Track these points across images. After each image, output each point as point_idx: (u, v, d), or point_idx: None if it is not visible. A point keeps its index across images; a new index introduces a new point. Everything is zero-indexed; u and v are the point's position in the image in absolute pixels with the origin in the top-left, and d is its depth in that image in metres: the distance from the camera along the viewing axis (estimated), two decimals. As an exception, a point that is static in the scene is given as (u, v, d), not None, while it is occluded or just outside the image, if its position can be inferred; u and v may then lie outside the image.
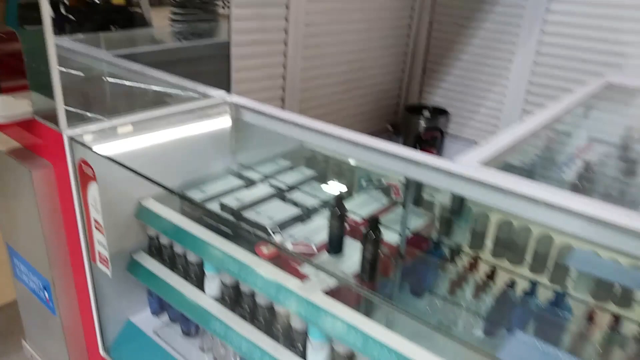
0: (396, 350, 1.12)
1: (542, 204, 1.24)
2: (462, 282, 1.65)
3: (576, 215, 1.22)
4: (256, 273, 1.38)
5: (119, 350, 1.83)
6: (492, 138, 1.54)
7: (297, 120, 1.76)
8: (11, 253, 2.00)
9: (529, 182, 1.26)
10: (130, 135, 1.65)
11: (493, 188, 1.28)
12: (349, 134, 1.62)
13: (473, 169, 1.33)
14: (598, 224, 1.20)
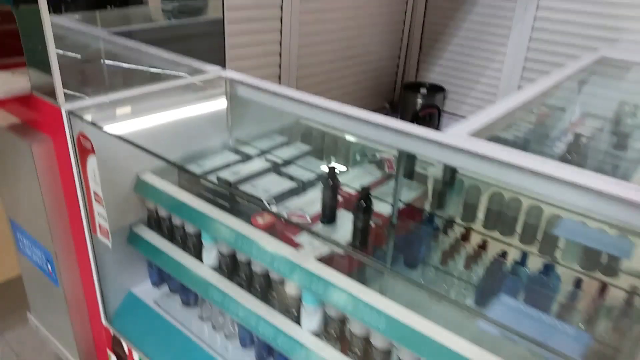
0: (385, 313, 1.17)
1: (529, 173, 1.28)
2: (454, 253, 1.70)
3: (561, 182, 1.25)
4: (252, 242, 1.43)
5: (120, 320, 1.89)
6: (482, 111, 1.57)
7: (292, 95, 1.79)
8: (14, 227, 2.05)
9: (516, 152, 1.30)
10: (127, 110, 1.68)
11: (481, 158, 1.32)
12: (342, 107, 1.65)
13: (462, 140, 1.36)
14: (582, 191, 1.23)
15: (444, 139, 1.37)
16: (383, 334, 1.18)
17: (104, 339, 1.96)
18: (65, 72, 1.53)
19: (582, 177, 1.22)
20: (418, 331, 1.13)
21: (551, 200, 1.50)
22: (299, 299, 1.38)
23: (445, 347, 1.09)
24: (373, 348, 1.25)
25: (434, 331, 1.12)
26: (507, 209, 1.71)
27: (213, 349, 1.66)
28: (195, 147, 1.87)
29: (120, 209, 1.72)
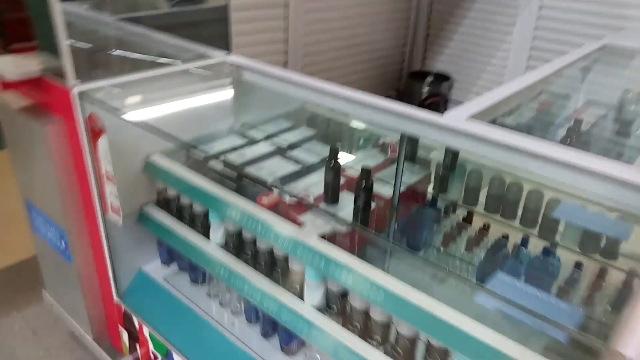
0: (384, 287, 1.22)
1: (526, 154, 1.31)
2: (456, 235, 1.75)
3: (558, 163, 1.29)
4: (257, 220, 1.48)
5: (131, 296, 1.96)
6: (482, 95, 1.60)
7: (296, 79, 1.83)
8: (29, 207, 2.12)
9: (513, 134, 1.33)
10: (135, 93, 1.73)
11: (478, 139, 1.35)
12: (345, 90, 1.69)
13: (460, 122, 1.40)
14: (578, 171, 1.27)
15: (443, 122, 1.41)
16: (382, 307, 1.24)
17: (115, 315, 2.04)
18: (75, 55, 1.58)
19: (577, 158, 1.25)
20: (415, 304, 1.18)
21: (549, 181, 1.54)
22: (302, 274, 1.44)
23: (441, 320, 1.14)
24: (372, 321, 1.30)
25: (431, 305, 1.17)
26: (508, 192, 1.75)
27: (220, 324, 1.73)
28: (201, 130, 1.92)
29: (131, 189, 1.78)
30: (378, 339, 1.30)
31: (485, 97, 1.60)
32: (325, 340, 1.35)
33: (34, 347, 2.40)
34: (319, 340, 1.36)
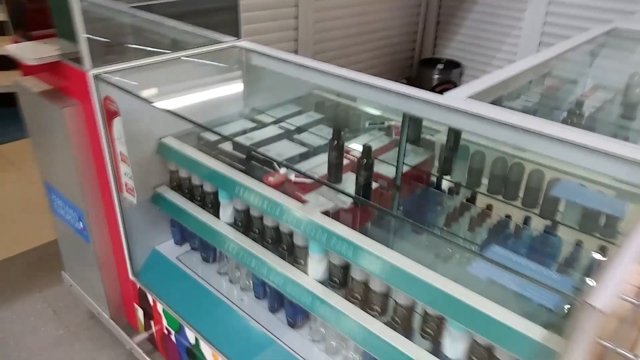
0: (382, 257, 1.28)
1: (522, 131, 1.35)
2: (458, 216, 1.79)
3: (554, 140, 1.32)
4: (264, 198, 1.54)
5: (146, 274, 2.05)
6: (483, 77, 1.64)
7: (304, 62, 1.88)
8: (49, 190, 2.21)
9: (509, 112, 1.37)
10: (148, 76, 1.80)
11: (477, 118, 1.40)
12: (350, 73, 1.74)
13: (460, 102, 1.44)
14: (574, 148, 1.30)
15: (443, 101, 1.45)
16: (380, 278, 1.29)
17: (131, 294, 2.13)
18: (91, 41, 1.66)
19: (571, 134, 1.29)
20: (411, 274, 1.23)
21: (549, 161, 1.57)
22: (306, 248, 1.50)
23: (437, 289, 1.19)
24: (372, 292, 1.36)
25: (426, 274, 1.22)
26: (510, 173, 1.78)
27: (230, 300, 1.80)
28: (211, 114, 1.99)
29: (144, 170, 1.85)
30: (378, 310, 1.36)
31: (485, 78, 1.64)
32: (328, 312, 1.41)
33: (54, 325, 2.50)
34: (322, 311, 1.42)
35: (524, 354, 1.02)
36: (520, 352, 1.03)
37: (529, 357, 1.01)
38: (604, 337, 0.85)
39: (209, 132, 1.96)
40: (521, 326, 1.03)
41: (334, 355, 1.58)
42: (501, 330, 1.06)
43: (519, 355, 1.04)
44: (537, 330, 1.01)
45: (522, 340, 1.02)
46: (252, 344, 1.67)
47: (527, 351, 1.01)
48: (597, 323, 0.72)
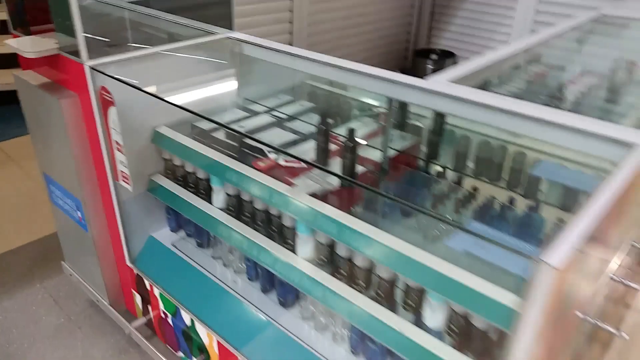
0: (365, 234, 1.33)
1: (499, 112, 1.40)
2: (445, 198, 1.84)
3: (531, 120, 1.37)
4: (254, 181, 1.60)
5: (143, 261, 2.11)
6: (465, 63, 1.69)
7: (295, 52, 1.93)
8: (48, 181, 2.28)
9: (489, 94, 1.42)
10: (143, 67, 1.86)
11: (457, 100, 1.45)
12: (337, 60, 1.79)
13: (441, 85, 1.49)
14: (543, 124, 1.35)
15: (425, 85, 1.50)
16: (363, 253, 1.35)
17: (129, 280, 2.19)
18: (88, 34, 1.71)
19: (547, 114, 1.34)
20: (393, 249, 1.29)
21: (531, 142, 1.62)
22: (294, 230, 1.56)
23: (418, 262, 1.25)
24: (356, 268, 1.42)
25: (408, 249, 1.28)
26: (494, 156, 1.83)
27: (224, 282, 1.86)
28: (204, 103, 2.04)
29: (139, 158, 1.91)
30: (362, 284, 1.42)
31: (467, 64, 1.69)
32: (315, 288, 1.47)
33: (55, 314, 2.57)
34: (309, 288, 1.48)
35: (496, 318, 1.08)
36: (492, 317, 1.09)
37: (500, 321, 1.07)
38: (562, 294, 0.91)
39: (202, 122, 2.02)
40: (492, 292, 1.09)
41: (323, 331, 1.64)
42: (474, 297, 1.11)
43: (491, 320, 1.10)
44: (507, 295, 1.06)
45: (493, 305, 1.07)
46: (245, 323, 1.73)
47: (499, 315, 1.07)
48: (551, 279, 0.77)
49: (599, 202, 0.93)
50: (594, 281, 1.41)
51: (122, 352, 2.35)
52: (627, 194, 1.10)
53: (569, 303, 1.08)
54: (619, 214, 1.20)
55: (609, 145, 1.29)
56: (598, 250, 1.18)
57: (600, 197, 0.95)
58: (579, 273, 1.04)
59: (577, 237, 0.82)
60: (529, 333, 0.85)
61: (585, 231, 0.84)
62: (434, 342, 1.27)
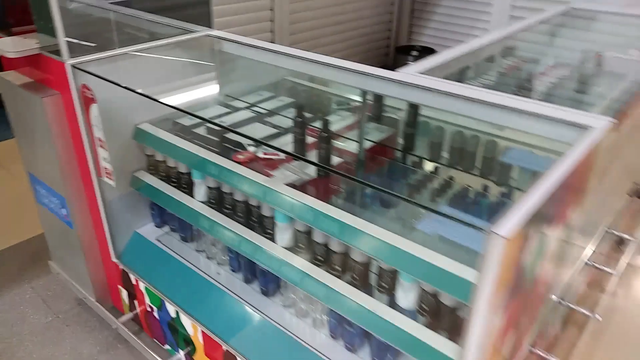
0: (338, 220, 1.39)
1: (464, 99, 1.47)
2: (422, 188, 1.90)
3: (493, 106, 1.44)
4: (233, 174, 1.65)
5: (128, 256, 2.15)
6: (433, 56, 1.75)
7: (272, 47, 1.99)
8: (33, 180, 2.31)
9: (450, 83, 1.49)
10: (124, 65, 1.90)
11: (426, 90, 1.51)
12: (314, 55, 1.85)
13: (410, 77, 1.55)
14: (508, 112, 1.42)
15: (395, 76, 1.57)
16: (338, 238, 1.40)
17: (115, 276, 2.23)
18: (69, 33, 1.75)
19: (510, 101, 1.41)
20: (366, 232, 1.35)
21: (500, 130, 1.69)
22: (273, 219, 1.61)
23: (390, 244, 1.31)
24: (332, 253, 1.47)
25: (379, 232, 1.34)
26: (466, 145, 1.90)
27: (207, 274, 1.91)
28: (185, 100, 2.09)
29: (122, 154, 1.95)
30: (338, 269, 1.47)
31: (436, 56, 1.75)
32: (293, 274, 1.52)
33: (43, 313, 2.60)
34: (289, 274, 1.54)
35: (459, 293, 1.14)
36: (456, 292, 1.15)
37: (463, 296, 1.13)
38: (516, 266, 0.97)
39: (184, 118, 2.06)
40: (454, 268, 1.15)
41: (304, 317, 1.69)
42: (439, 275, 1.17)
43: (455, 295, 1.16)
44: (468, 271, 1.13)
45: (456, 281, 1.14)
46: (228, 313, 1.78)
47: (462, 290, 1.13)
48: (500, 249, 0.83)
49: (549, 179, 1.00)
50: (560, 262, 1.48)
51: (111, 347, 2.38)
52: (581, 173, 1.17)
53: (528, 278, 1.14)
54: (575, 192, 1.26)
55: (570, 130, 1.36)
56: (558, 229, 1.25)
57: (551, 175, 1.01)
58: (538, 250, 1.10)
59: (526, 210, 0.89)
60: (484, 303, 0.91)
61: (534, 206, 0.90)
62: (407, 322, 1.33)
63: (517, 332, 1.29)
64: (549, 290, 1.54)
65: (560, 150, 1.55)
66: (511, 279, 0.97)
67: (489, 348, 1.05)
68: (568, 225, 1.40)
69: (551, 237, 1.23)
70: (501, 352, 1.23)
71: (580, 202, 1.43)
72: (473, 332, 0.96)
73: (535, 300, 1.37)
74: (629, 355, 2.24)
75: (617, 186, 2.72)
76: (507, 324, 1.12)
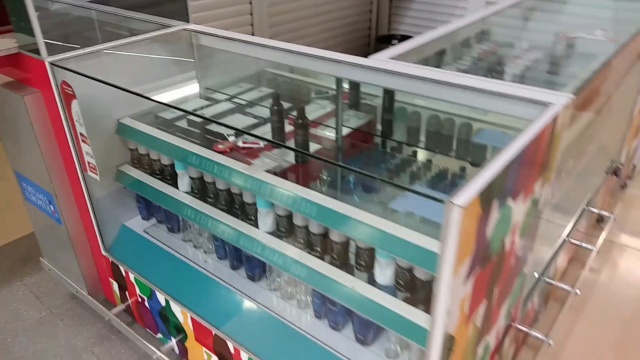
0: (316, 202, 1.45)
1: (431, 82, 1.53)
2: (400, 171, 1.96)
3: (459, 87, 1.50)
4: (214, 163, 1.70)
5: (117, 249, 2.19)
6: (405, 42, 1.81)
7: (247, 39, 2.03)
8: (19, 178, 2.34)
9: (419, 67, 1.54)
10: (102, 61, 1.93)
11: (397, 75, 1.57)
12: (290, 45, 1.90)
13: (382, 63, 1.61)
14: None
15: (366, 63, 1.62)
16: (316, 220, 1.46)
17: (105, 269, 2.27)
18: (47, 32, 1.78)
19: (474, 82, 1.46)
20: (343, 214, 1.40)
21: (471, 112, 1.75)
22: (255, 205, 1.66)
23: (366, 224, 1.36)
24: (312, 235, 1.53)
25: (355, 213, 1.39)
26: (442, 129, 1.96)
27: (195, 262, 1.96)
28: (165, 94, 2.13)
29: (106, 149, 1.99)
30: (318, 250, 1.53)
31: (408, 42, 1.81)
32: (276, 257, 1.58)
33: (37, 309, 2.64)
34: (271, 257, 1.59)
35: (429, 266, 1.20)
36: (426, 264, 1.22)
37: (433, 268, 1.19)
38: (477, 236, 1.03)
39: (165, 112, 2.10)
40: (423, 242, 1.21)
41: (289, 299, 1.75)
42: (409, 249, 1.23)
43: (425, 267, 1.23)
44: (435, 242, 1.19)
45: (425, 254, 1.20)
46: (216, 298, 1.83)
47: (431, 262, 1.19)
48: (457, 217, 0.89)
49: (506, 154, 1.06)
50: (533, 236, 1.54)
51: (105, 339, 2.43)
52: (539, 147, 1.23)
53: (495, 249, 1.21)
54: (539, 167, 1.33)
55: (534, 108, 1.42)
56: (524, 202, 1.31)
57: (507, 150, 1.08)
58: (503, 221, 1.17)
59: (481, 182, 0.95)
60: (448, 271, 0.98)
61: (489, 178, 0.96)
62: (384, 297, 1.39)
63: (489, 304, 1.36)
64: (523, 264, 1.61)
65: (523, 127, 1.63)
66: (473, 248, 1.03)
67: (457, 316, 1.11)
68: (537, 200, 1.47)
69: (517, 210, 1.29)
70: (474, 322, 1.30)
71: (548, 177, 1.49)
72: (440, 300, 1.02)
73: (508, 273, 1.44)
74: (608, 328, 2.33)
75: (595, 164, 2.81)
76: (475, 293, 1.18)
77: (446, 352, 1.12)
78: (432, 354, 1.12)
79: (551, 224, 2.31)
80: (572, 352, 2.24)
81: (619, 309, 2.46)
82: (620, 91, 2.42)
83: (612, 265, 2.75)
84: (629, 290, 2.58)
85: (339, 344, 1.59)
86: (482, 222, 1.03)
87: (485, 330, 1.41)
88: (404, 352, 1.54)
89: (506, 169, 1.03)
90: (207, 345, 1.86)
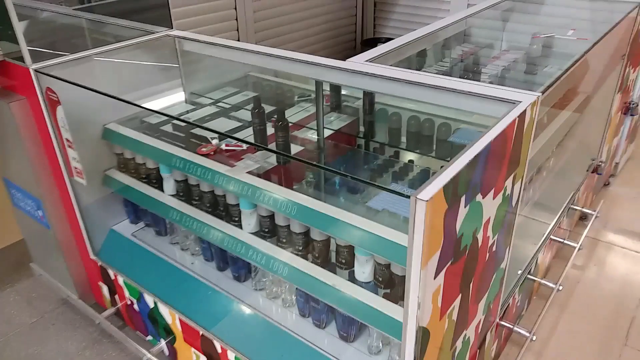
0: (296, 202, 1.49)
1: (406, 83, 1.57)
2: (383, 173, 2.01)
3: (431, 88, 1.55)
4: (197, 165, 1.74)
5: (105, 253, 2.22)
6: (381, 46, 1.86)
7: (229, 44, 2.07)
8: (8, 185, 2.36)
9: (394, 69, 1.59)
10: (87, 68, 1.97)
11: (373, 76, 1.62)
12: (271, 49, 1.94)
13: (358, 65, 1.66)
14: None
15: (344, 65, 1.67)
16: (297, 219, 1.50)
17: (95, 273, 2.30)
18: (32, 40, 1.82)
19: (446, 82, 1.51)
20: (321, 212, 1.44)
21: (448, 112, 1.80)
22: (238, 206, 1.70)
23: (343, 222, 1.41)
24: (294, 234, 1.57)
25: (333, 211, 1.44)
26: (421, 129, 2.00)
27: (182, 264, 2.00)
28: (150, 99, 2.16)
29: (92, 154, 2.03)
30: (300, 249, 1.57)
31: (385, 45, 1.86)
32: (259, 257, 1.62)
33: (28, 314, 2.66)
34: (254, 257, 1.63)
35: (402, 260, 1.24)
36: (399, 259, 1.26)
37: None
38: (446, 230, 1.07)
39: (151, 117, 2.14)
40: (397, 238, 1.25)
41: (275, 299, 1.79)
42: (386, 246, 1.28)
43: (398, 262, 1.27)
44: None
45: (399, 249, 1.24)
46: (203, 299, 1.87)
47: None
48: (422, 210, 0.94)
49: (471, 150, 1.10)
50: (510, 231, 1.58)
51: (96, 343, 2.45)
52: (505, 143, 1.28)
53: (466, 244, 1.25)
54: (508, 163, 1.37)
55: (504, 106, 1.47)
56: (495, 198, 1.36)
57: (473, 146, 1.12)
58: (473, 216, 1.21)
59: (444, 177, 0.99)
60: (416, 264, 1.02)
61: (452, 173, 1.01)
62: (363, 293, 1.43)
63: (465, 298, 1.40)
64: (500, 260, 1.65)
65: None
66: (442, 242, 1.07)
67: (430, 309, 1.15)
68: (509, 196, 1.52)
69: (488, 206, 1.34)
70: (450, 316, 1.34)
71: (520, 174, 1.54)
72: (410, 291, 1.06)
73: (484, 268, 1.48)
74: (592, 324, 2.38)
75: (576, 163, 2.87)
76: (448, 287, 1.23)
77: (421, 344, 1.16)
78: (407, 346, 1.16)
79: (533, 221, 2.36)
80: (556, 347, 2.29)
81: (602, 305, 2.51)
82: (600, 90, 2.48)
83: (595, 262, 2.81)
84: (611, 286, 2.63)
85: (323, 341, 1.63)
86: (449, 217, 1.07)
87: (462, 324, 1.46)
88: (385, 348, 1.58)
89: (471, 165, 1.08)
90: (196, 346, 1.90)
